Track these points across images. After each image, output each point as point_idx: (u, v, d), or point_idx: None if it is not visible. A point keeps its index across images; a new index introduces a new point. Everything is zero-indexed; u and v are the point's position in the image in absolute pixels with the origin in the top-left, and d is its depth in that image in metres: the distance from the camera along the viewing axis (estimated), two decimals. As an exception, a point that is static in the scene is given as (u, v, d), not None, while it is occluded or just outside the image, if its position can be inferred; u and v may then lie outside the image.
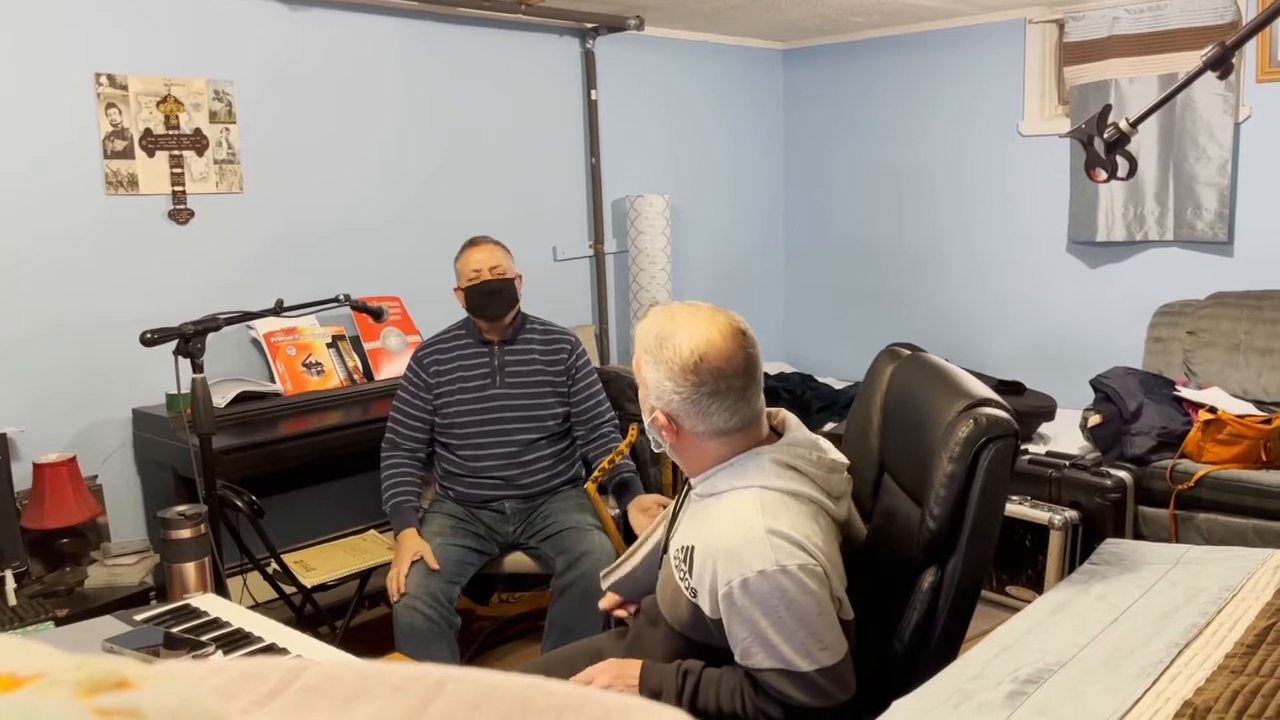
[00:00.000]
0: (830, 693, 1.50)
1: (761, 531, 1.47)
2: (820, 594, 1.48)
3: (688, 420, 1.55)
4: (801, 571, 1.46)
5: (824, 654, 1.49)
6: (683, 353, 1.51)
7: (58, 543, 2.85)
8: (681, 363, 1.51)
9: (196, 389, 2.48)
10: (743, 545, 1.48)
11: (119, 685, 0.33)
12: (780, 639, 1.47)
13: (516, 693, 0.41)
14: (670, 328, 1.55)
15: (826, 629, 1.49)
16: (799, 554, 1.47)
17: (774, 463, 1.55)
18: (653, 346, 1.55)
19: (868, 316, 5.22)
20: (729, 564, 1.48)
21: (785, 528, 1.49)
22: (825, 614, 1.49)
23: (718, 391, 1.52)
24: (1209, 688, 1.38)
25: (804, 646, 1.48)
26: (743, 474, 1.55)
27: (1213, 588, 1.74)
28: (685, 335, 1.53)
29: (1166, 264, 4.26)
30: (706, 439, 1.57)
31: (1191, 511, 3.31)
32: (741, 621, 1.49)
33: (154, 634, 1.76)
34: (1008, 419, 1.59)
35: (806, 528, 1.51)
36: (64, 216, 3.07)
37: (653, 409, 1.58)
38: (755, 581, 1.45)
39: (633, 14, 4.31)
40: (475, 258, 2.89)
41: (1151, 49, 4.13)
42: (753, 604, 1.47)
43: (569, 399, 2.95)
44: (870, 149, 5.14)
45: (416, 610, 2.62)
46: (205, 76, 3.33)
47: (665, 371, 1.53)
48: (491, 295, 2.87)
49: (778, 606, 1.46)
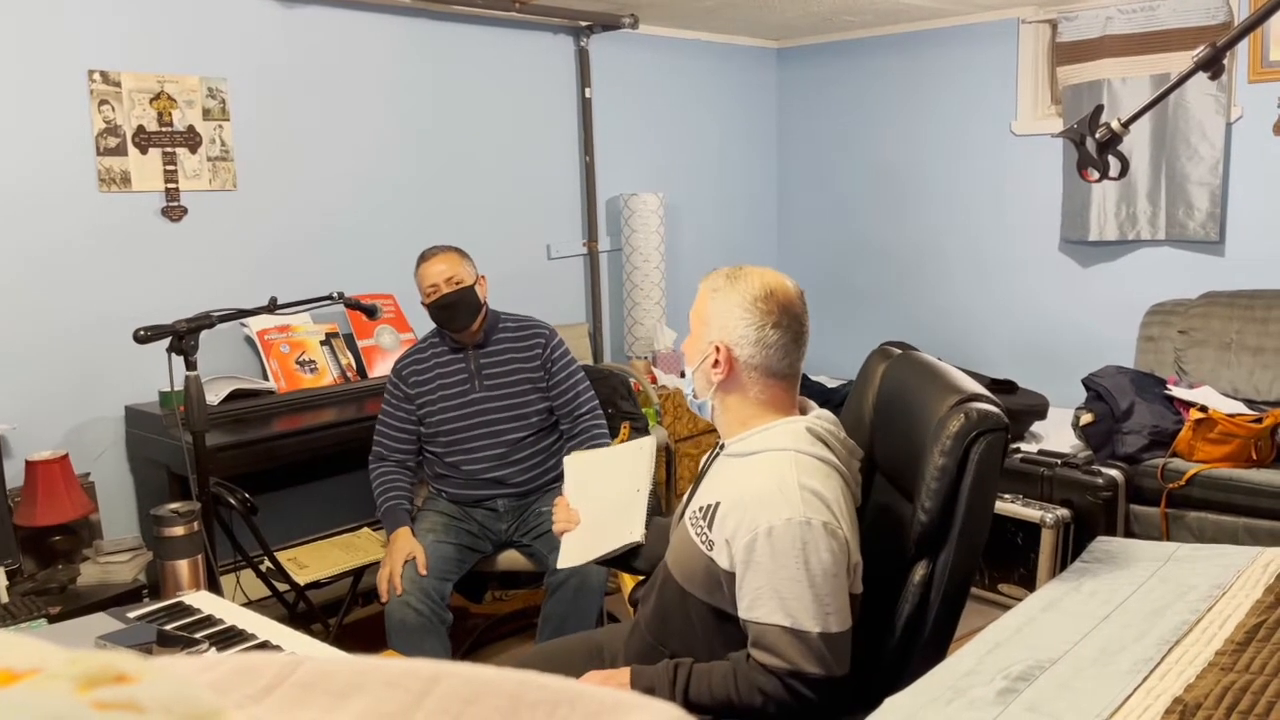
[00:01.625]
0: (828, 662, 1.51)
1: (795, 484, 1.53)
2: (839, 557, 1.52)
3: (746, 350, 1.63)
4: (825, 530, 1.51)
5: (831, 619, 1.51)
6: (754, 285, 1.63)
7: (50, 540, 2.84)
8: (754, 292, 1.62)
9: (190, 386, 2.48)
10: (775, 494, 1.53)
11: (116, 679, 0.34)
12: (792, 593, 1.50)
13: (510, 687, 0.41)
14: (742, 271, 1.67)
15: (837, 594, 1.52)
16: (826, 512, 1.52)
17: (809, 431, 1.62)
18: (723, 284, 1.66)
19: (860, 315, 5.23)
20: (757, 511, 1.53)
21: (818, 486, 1.54)
22: (839, 579, 1.52)
23: (780, 325, 1.62)
24: (1199, 684, 1.38)
25: (814, 605, 1.50)
26: (778, 439, 1.61)
27: (1203, 585, 1.75)
28: (757, 276, 1.65)
29: (1158, 263, 4.27)
30: (757, 377, 1.64)
31: (1182, 510, 3.33)
32: (758, 569, 1.52)
33: (147, 631, 1.76)
34: (998, 413, 1.61)
35: (836, 494, 1.57)
36: (56, 213, 3.06)
37: (708, 346, 1.65)
38: (781, 529, 1.50)
39: (627, 12, 4.31)
40: (430, 272, 2.84)
41: (1144, 49, 4.14)
42: (774, 552, 1.50)
43: (550, 393, 2.94)
44: (863, 148, 5.15)
45: (409, 606, 2.62)
46: (199, 73, 3.32)
47: (737, 299, 1.63)
48: (452, 308, 2.84)
49: (798, 558, 1.49)
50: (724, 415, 1.68)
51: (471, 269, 2.89)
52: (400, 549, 2.70)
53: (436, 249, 2.90)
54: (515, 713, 0.40)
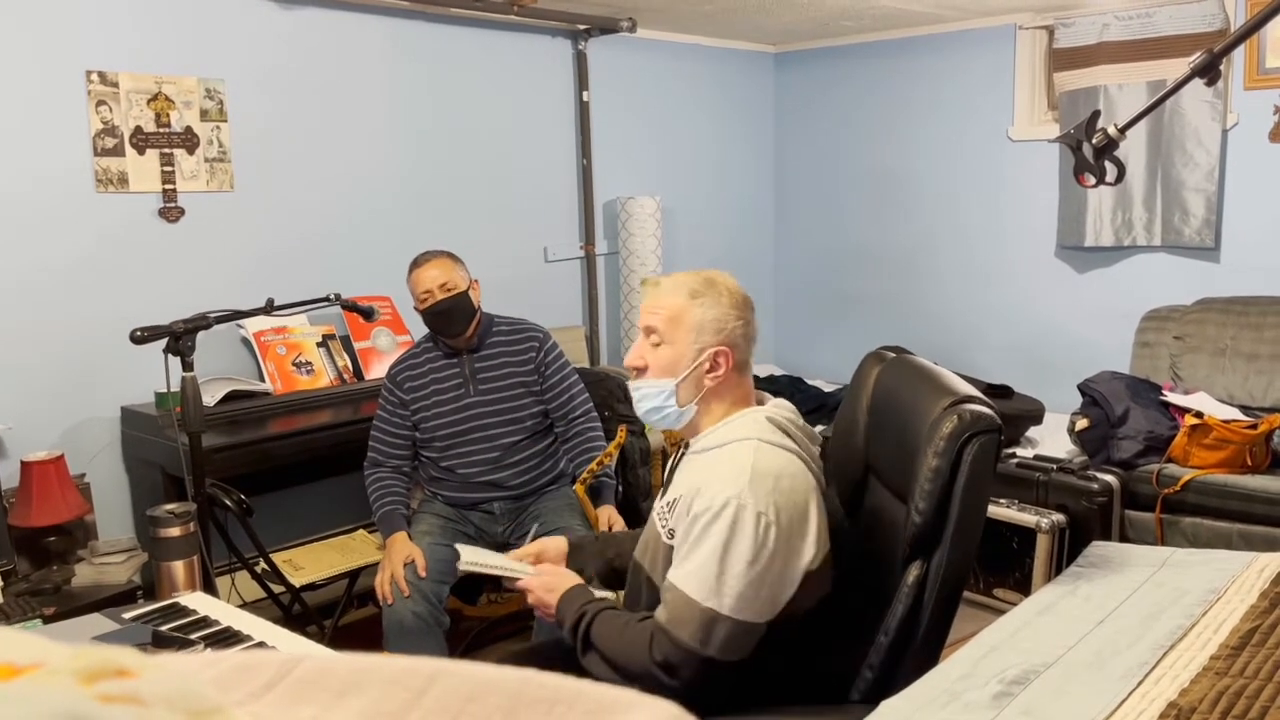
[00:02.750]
0: (701, 637, 1.54)
1: (748, 470, 1.57)
2: (765, 553, 1.54)
3: (741, 348, 1.70)
4: (757, 519, 1.54)
5: (727, 601, 1.54)
6: (733, 287, 1.70)
7: (45, 541, 2.83)
8: (737, 295, 1.70)
9: (186, 387, 2.48)
10: (727, 478, 1.58)
11: (118, 674, 0.34)
12: (702, 564, 1.55)
13: (510, 685, 0.41)
14: (705, 275, 1.73)
15: (745, 584, 1.54)
16: (765, 504, 1.55)
17: (769, 420, 1.66)
18: (702, 289, 1.69)
19: (857, 320, 5.24)
20: (709, 494, 1.58)
21: (769, 478, 1.58)
22: (756, 571, 1.54)
23: (752, 321, 1.72)
24: (1194, 689, 1.39)
25: (714, 582, 1.54)
26: (741, 429, 1.66)
27: (1198, 590, 1.76)
28: (722, 277, 1.72)
29: (1154, 269, 4.28)
30: (743, 372, 1.72)
31: (1177, 515, 3.33)
32: (689, 538, 1.58)
33: (142, 632, 1.75)
34: (991, 415, 1.62)
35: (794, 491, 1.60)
36: (53, 213, 3.06)
37: (702, 350, 1.68)
38: (717, 509, 1.55)
39: (625, 16, 4.32)
40: (423, 278, 2.83)
41: (1141, 55, 4.15)
42: (705, 526, 1.56)
43: (543, 396, 2.94)
44: (860, 153, 5.16)
45: (406, 609, 2.62)
46: (197, 74, 3.32)
47: (729, 301, 1.69)
48: (446, 314, 2.83)
49: (720, 537, 1.54)
50: (702, 417, 1.72)
51: (465, 274, 2.89)
52: (399, 552, 2.70)
53: (429, 254, 2.89)
54: (515, 710, 0.41)
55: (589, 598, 1.74)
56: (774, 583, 1.57)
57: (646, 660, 1.58)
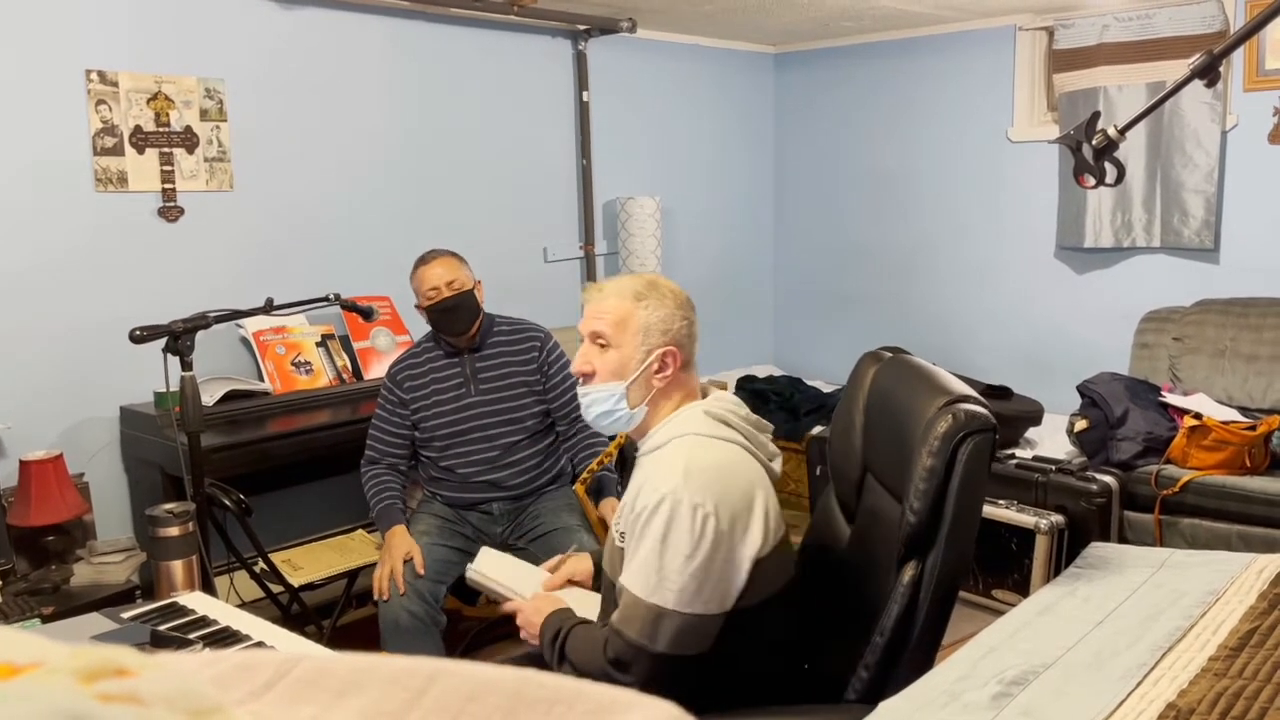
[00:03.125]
0: (649, 633, 1.55)
1: (682, 466, 1.59)
2: (704, 544, 1.54)
3: (686, 347, 1.71)
4: (693, 512, 1.54)
5: (670, 596, 1.55)
6: (675, 289, 1.72)
7: (43, 540, 2.83)
8: (680, 296, 1.72)
9: (185, 387, 2.47)
10: (664, 476, 1.59)
11: (117, 673, 0.34)
12: (644, 562, 1.57)
13: (510, 685, 0.41)
14: (646, 278, 1.75)
15: (686, 577, 1.55)
16: (702, 497, 1.55)
17: (706, 414, 1.68)
18: (645, 291, 1.70)
19: (856, 320, 5.24)
20: (645, 491, 1.60)
21: (705, 471, 1.59)
22: (697, 563, 1.55)
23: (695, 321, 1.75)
24: (1192, 690, 1.39)
25: (654, 577, 1.56)
26: (680, 427, 1.67)
27: (1196, 591, 1.76)
28: (662, 280, 1.74)
29: (1153, 271, 4.29)
30: (690, 370, 1.74)
31: (1176, 516, 3.33)
32: (634, 540, 1.60)
33: (141, 632, 1.75)
34: (986, 414, 1.61)
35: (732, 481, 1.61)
36: (53, 212, 3.06)
37: (650, 351, 1.69)
38: (653, 505, 1.56)
39: (625, 16, 4.32)
40: (430, 275, 2.83)
41: (1140, 57, 4.15)
42: (646, 525, 1.57)
43: (546, 395, 2.94)
44: (860, 153, 5.16)
45: (404, 609, 2.62)
46: (196, 74, 3.32)
47: (673, 302, 1.71)
48: (452, 312, 2.83)
49: (659, 532, 1.55)
50: (651, 418, 1.73)
51: (470, 273, 2.89)
52: (398, 547, 2.70)
53: (435, 253, 2.90)
54: (515, 710, 0.41)
55: (569, 617, 1.76)
56: (719, 574, 1.57)
57: (602, 662, 1.61)
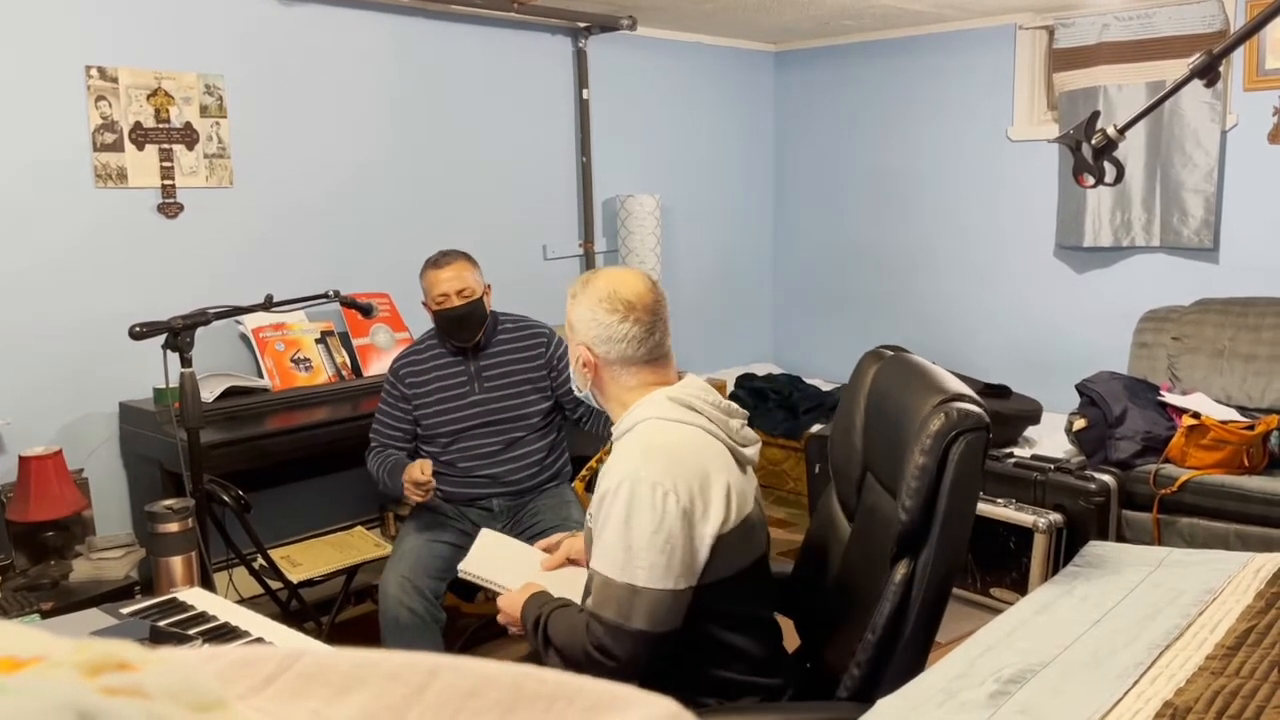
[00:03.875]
0: (625, 611, 1.58)
1: (640, 448, 1.64)
2: (668, 520, 1.57)
3: (601, 346, 1.73)
4: (651, 490, 1.58)
5: (639, 573, 1.58)
6: (600, 287, 1.76)
7: (43, 536, 2.84)
8: (599, 294, 1.75)
9: (184, 383, 2.48)
10: (624, 459, 1.64)
11: (120, 667, 0.34)
12: (611, 543, 1.60)
13: (510, 680, 0.42)
14: (594, 275, 1.81)
15: (654, 553, 1.58)
16: (660, 475, 1.59)
17: (669, 399, 1.71)
18: (579, 289, 1.79)
19: (856, 319, 5.24)
20: (607, 475, 1.64)
21: (662, 451, 1.62)
22: (662, 538, 1.58)
23: (626, 320, 1.72)
24: (1189, 689, 1.39)
25: (623, 556, 1.59)
26: (642, 411, 1.71)
27: (1194, 590, 1.76)
28: (604, 277, 1.79)
29: (1152, 270, 4.29)
30: (619, 369, 1.75)
31: (1174, 516, 3.34)
32: (599, 523, 1.64)
33: (140, 627, 1.75)
34: (979, 413, 1.61)
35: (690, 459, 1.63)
36: (53, 209, 3.06)
37: (578, 347, 1.76)
38: (615, 488, 1.61)
39: (625, 14, 4.32)
40: (441, 279, 2.81)
41: (1140, 56, 4.15)
42: (609, 508, 1.61)
43: (554, 391, 2.94)
44: (860, 152, 5.16)
45: (402, 604, 2.62)
46: (196, 70, 3.32)
47: (587, 303, 1.75)
48: (460, 320, 2.82)
49: (621, 513, 1.59)
50: (607, 404, 1.81)
51: (480, 278, 2.88)
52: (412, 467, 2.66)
53: (449, 255, 2.86)
54: (515, 706, 0.41)
55: (547, 600, 1.79)
56: (684, 548, 1.60)
57: (584, 645, 1.63)
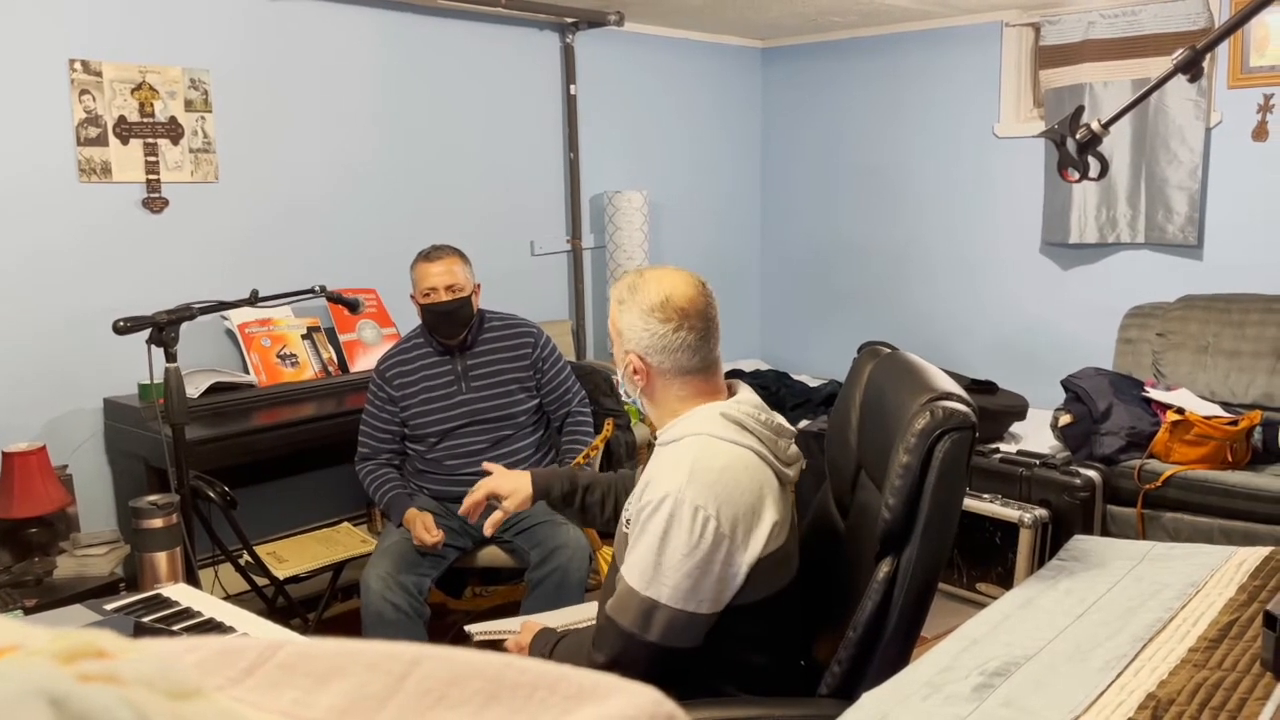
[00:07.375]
0: (641, 623, 1.58)
1: (689, 465, 1.60)
2: (703, 546, 1.56)
3: (655, 356, 1.69)
4: (694, 513, 1.56)
5: (664, 590, 1.58)
6: (651, 294, 1.69)
7: (26, 532, 2.82)
8: (650, 303, 1.68)
9: (169, 379, 2.46)
10: (670, 472, 1.61)
11: (97, 655, 0.34)
12: (643, 556, 1.59)
13: (492, 670, 0.42)
14: (641, 280, 1.73)
15: (681, 575, 1.57)
16: (704, 499, 1.57)
17: (722, 415, 1.67)
18: (626, 295, 1.72)
19: (842, 315, 5.25)
20: (652, 486, 1.62)
21: (710, 473, 1.60)
22: (693, 563, 1.57)
23: (681, 328, 1.68)
24: (1172, 680, 1.40)
25: (651, 571, 1.58)
26: (695, 425, 1.67)
27: (1177, 584, 1.77)
28: (654, 282, 1.71)
29: (1137, 266, 4.31)
30: (672, 378, 1.71)
31: (1159, 511, 3.36)
32: (634, 522, 1.63)
33: (124, 623, 1.74)
34: (965, 412, 1.61)
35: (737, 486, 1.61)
36: (36, 203, 3.04)
37: (626, 354, 1.71)
38: (657, 502, 1.59)
39: (613, 9, 4.31)
40: (430, 272, 2.81)
41: (1126, 53, 4.17)
42: (646, 515, 1.60)
43: (539, 391, 2.94)
44: (847, 148, 5.17)
45: (384, 599, 2.62)
46: (181, 64, 3.30)
47: (637, 312, 1.69)
48: (447, 316, 2.82)
49: (659, 529, 1.58)
50: (654, 410, 1.77)
51: (470, 275, 2.88)
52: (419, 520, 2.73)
53: (440, 250, 2.86)
54: (496, 694, 0.41)
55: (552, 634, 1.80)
56: (716, 576, 1.58)
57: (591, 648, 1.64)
